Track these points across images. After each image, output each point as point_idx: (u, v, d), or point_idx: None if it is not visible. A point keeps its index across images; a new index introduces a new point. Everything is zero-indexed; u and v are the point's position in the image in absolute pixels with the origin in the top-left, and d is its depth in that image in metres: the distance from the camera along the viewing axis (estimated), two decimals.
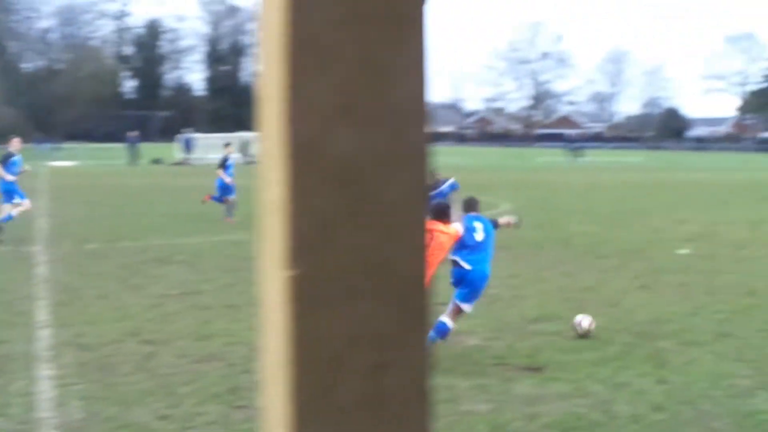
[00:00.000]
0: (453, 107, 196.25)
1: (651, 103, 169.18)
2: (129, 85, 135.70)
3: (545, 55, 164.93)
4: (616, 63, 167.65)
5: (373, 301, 1.14)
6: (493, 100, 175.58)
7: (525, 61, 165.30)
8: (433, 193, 17.66)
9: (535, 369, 9.63)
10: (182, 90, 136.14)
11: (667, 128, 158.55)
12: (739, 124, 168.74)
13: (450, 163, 65.55)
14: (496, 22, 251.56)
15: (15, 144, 21.42)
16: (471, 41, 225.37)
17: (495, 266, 10.92)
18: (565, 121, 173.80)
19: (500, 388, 8.88)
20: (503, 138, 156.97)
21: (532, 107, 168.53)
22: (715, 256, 18.18)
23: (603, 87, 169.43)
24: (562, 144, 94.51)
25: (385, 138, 1.13)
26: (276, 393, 1.16)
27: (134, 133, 63.11)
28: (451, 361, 9.77)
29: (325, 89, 1.10)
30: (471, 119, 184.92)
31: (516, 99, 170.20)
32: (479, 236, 10.73)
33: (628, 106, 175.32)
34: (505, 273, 15.84)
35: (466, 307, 10.55)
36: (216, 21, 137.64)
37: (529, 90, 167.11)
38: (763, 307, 12.94)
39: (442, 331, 10.21)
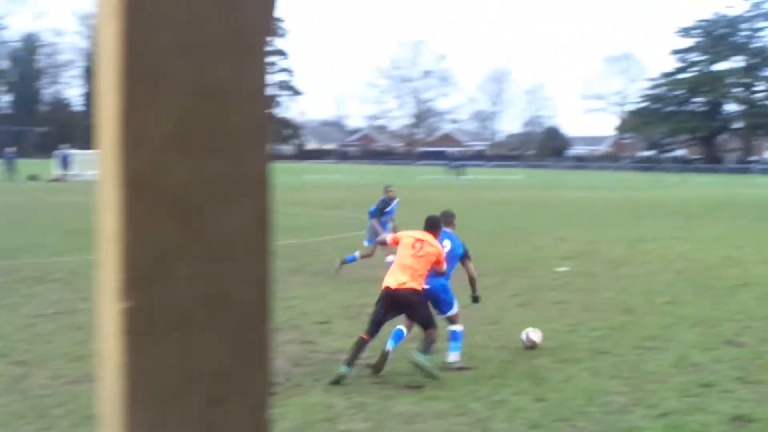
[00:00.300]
0: (336, 125, 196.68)
1: (532, 122, 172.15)
2: (4, 99, 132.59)
3: (427, 74, 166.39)
4: (497, 82, 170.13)
5: (210, 333, 1.11)
6: (376, 117, 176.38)
7: (407, 80, 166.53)
8: (387, 209, 17.87)
9: (415, 387, 9.65)
10: (60, 105, 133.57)
11: (547, 147, 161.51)
12: (617, 143, 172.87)
13: (332, 181, 65.88)
14: (378, 40, 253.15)
15: None
16: (354, 59, 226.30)
17: (369, 285, 10.93)
18: (447, 139, 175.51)
19: (379, 407, 8.87)
20: (386, 156, 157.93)
21: (415, 125, 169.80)
22: (594, 274, 18.51)
23: (485, 105, 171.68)
24: (444, 162, 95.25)
25: (223, 167, 1.11)
26: (110, 428, 1.12)
27: (12, 149, 61.56)
28: (327, 378, 9.82)
29: (161, 118, 1.07)
30: (354, 137, 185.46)
31: (398, 117, 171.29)
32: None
33: (509, 125, 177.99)
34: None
35: (452, 312, 10.86)
36: None
37: (411, 108, 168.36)
38: (640, 324, 13.21)
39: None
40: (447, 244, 11.02)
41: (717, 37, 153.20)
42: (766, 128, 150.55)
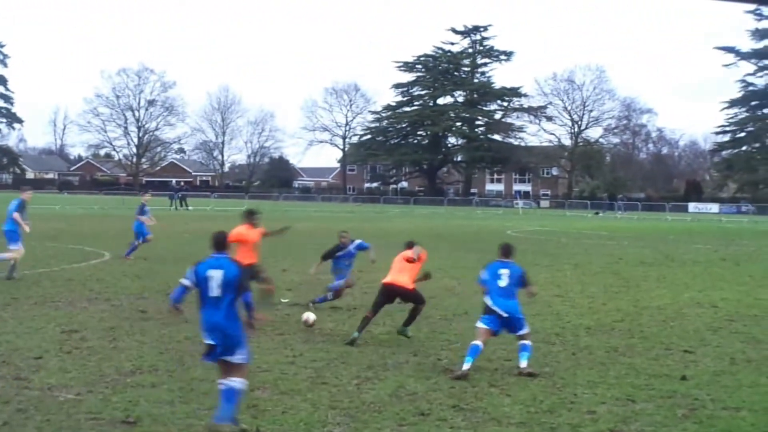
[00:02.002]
0: (57, 153, 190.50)
1: (258, 152, 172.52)
2: None
3: (152, 103, 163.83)
4: (224, 112, 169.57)
5: None
6: (99, 147, 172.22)
7: (131, 108, 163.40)
8: (340, 253, 18.49)
9: (130, 422, 9.34)
10: None
11: (274, 178, 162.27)
12: (342, 174, 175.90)
13: (51, 212, 63.42)
14: (102, 66, 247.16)
15: None
16: (77, 86, 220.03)
17: (88, 319, 10.52)
18: (173, 168, 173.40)
19: None
20: (110, 185, 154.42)
21: (139, 155, 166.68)
22: (317, 305, 18.54)
23: (211, 135, 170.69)
24: (168, 192, 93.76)
25: None
26: None
27: None
28: (40, 415, 9.42)
29: None
30: (76, 166, 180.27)
31: (122, 146, 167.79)
32: (503, 282, 12.65)
33: (236, 155, 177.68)
34: (104, 324, 15.39)
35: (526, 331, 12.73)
36: None
37: (135, 137, 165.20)
38: (359, 354, 13.36)
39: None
40: (505, 272, 12.72)
41: (439, 72, 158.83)
42: (485, 161, 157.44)
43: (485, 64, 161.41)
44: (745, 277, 25.14)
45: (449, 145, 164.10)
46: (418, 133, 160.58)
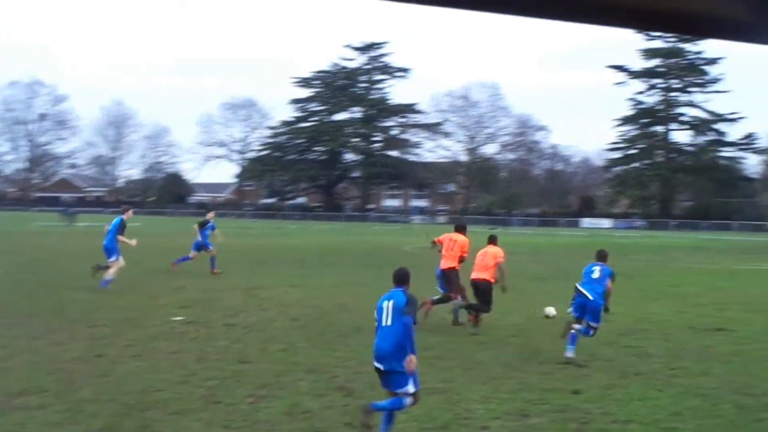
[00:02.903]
0: None
1: (153, 167, 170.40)
2: None
3: (43, 116, 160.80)
4: (118, 126, 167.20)
5: None
6: None
7: (21, 122, 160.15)
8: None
9: None
10: None
11: (169, 193, 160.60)
12: (239, 190, 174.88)
13: None
14: None
15: None
16: None
17: None
18: (65, 184, 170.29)
19: None
20: None
21: (30, 170, 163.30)
22: (210, 323, 18.36)
23: (105, 150, 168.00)
24: (59, 208, 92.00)
25: None
26: None
27: None
28: None
29: None
30: None
31: (12, 161, 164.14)
32: (595, 275, 15.55)
33: (130, 171, 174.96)
34: None
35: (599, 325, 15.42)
36: None
37: (25, 152, 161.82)
38: (253, 373, 13.20)
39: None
40: (597, 269, 15.62)
41: (336, 87, 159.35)
42: (382, 177, 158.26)
43: (382, 81, 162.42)
44: (635, 291, 25.63)
45: (346, 160, 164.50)
46: (316, 148, 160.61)
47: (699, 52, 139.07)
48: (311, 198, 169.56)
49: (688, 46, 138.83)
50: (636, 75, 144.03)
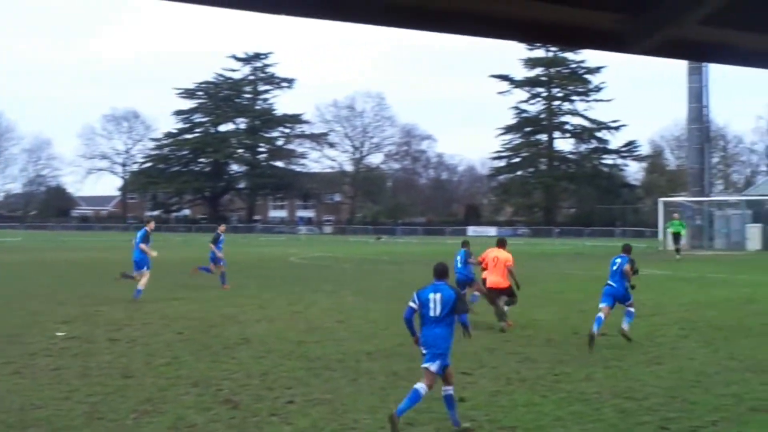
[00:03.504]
0: None
1: (35, 181, 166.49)
2: None
3: None
4: None
5: None
6: None
7: None
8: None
9: None
10: None
11: (51, 207, 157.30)
12: (123, 203, 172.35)
13: None
14: None
15: None
16: None
17: None
18: None
19: None
20: None
21: None
22: (93, 338, 18.07)
23: None
24: None
25: None
26: None
27: None
28: None
29: None
30: None
31: None
32: (615, 267, 18.53)
33: (10, 185, 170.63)
34: None
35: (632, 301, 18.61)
36: None
37: None
38: (137, 388, 13.02)
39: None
40: (618, 261, 18.55)
41: (220, 98, 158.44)
42: (268, 188, 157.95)
43: (267, 91, 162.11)
44: (521, 299, 25.96)
45: (232, 172, 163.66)
46: (200, 160, 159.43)
47: (581, 61, 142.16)
48: (196, 210, 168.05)
49: (570, 55, 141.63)
50: (519, 84, 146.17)
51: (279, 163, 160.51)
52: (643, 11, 4.52)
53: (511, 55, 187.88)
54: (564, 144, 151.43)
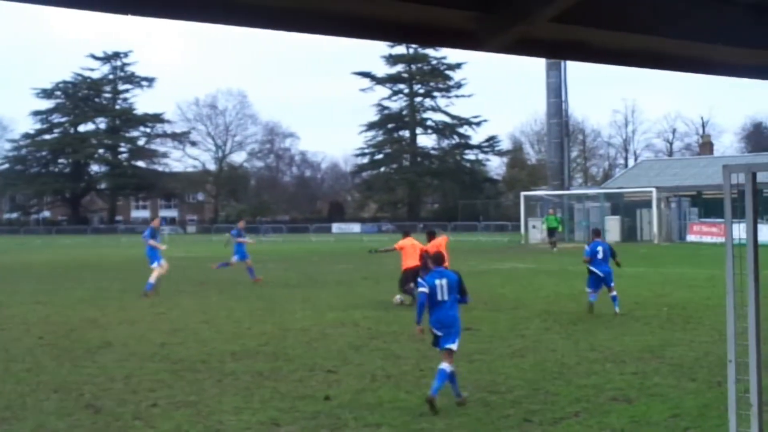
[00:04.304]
0: None
1: None
2: None
3: None
4: None
5: None
6: None
7: None
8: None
9: None
10: None
11: None
12: None
13: None
14: None
15: None
16: None
17: None
18: None
19: None
20: None
21: None
22: None
23: None
24: None
25: None
26: None
27: None
28: None
29: None
30: None
31: None
32: (600, 255, 21.20)
33: None
34: None
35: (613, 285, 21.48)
36: None
37: None
38: None
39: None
40: (601, 250, 21.24)
41: (79, 98, 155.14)
42: (129, 188, 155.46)
43: (127, 91, 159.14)
44: (386, 295, 26.13)
45: (92, 172, 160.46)
46: (60, 161, 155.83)
47: (442, 58, 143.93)
48: (57, 211, 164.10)
49: (431, 52, 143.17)
50: (381, 81, 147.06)
51: (141, 163, 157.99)
52: (494, 9, 4.58)
53: (373, 52, 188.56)
54: (427, 140, 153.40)
